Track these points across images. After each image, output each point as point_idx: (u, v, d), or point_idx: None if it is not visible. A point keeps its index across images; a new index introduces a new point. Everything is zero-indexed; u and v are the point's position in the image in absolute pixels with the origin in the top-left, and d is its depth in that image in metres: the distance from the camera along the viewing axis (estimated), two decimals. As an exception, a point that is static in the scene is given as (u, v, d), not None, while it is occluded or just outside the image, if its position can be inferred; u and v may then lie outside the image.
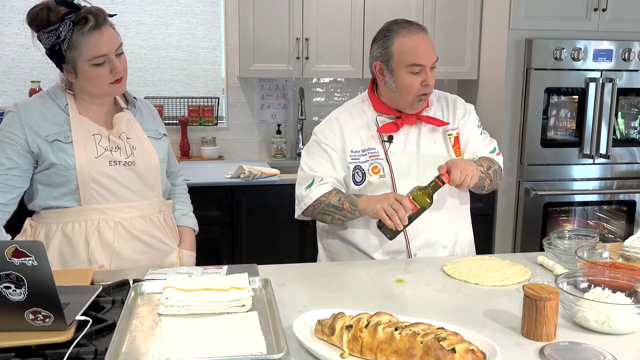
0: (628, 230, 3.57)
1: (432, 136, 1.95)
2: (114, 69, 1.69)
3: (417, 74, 1.82)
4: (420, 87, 1.83)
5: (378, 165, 1.90)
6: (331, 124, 1.96)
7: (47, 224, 1.74)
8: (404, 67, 1.82)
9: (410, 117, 1.92)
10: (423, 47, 1.82)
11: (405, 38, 1.83)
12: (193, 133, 3.85)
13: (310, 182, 1.90)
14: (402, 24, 1.86)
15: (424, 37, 1.83)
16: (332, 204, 1.84)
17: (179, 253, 1.90)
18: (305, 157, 1.97)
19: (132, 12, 3.72)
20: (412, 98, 1.85)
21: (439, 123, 1.94)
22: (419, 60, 1.81)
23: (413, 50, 1.81)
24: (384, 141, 1.91)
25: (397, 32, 1.84)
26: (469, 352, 1.10)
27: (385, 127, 1.90)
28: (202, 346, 1.15)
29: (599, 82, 3.39)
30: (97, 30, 1.65)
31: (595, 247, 1.72)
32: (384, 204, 1.70)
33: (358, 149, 1.91)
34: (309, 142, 1.99)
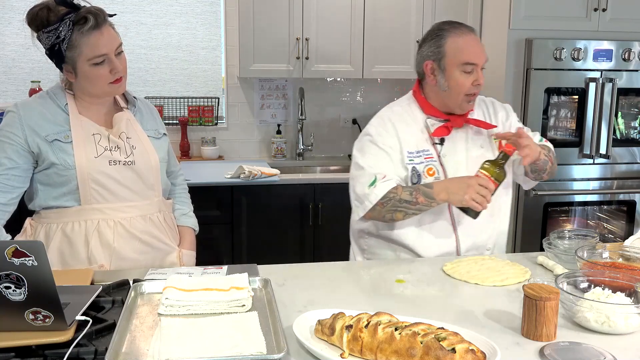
0: (628, 230, 3.56)
1: (478, 139, 1.97)
2: (113, 69, 1.69)
3: (469, 73, 1.84)
4: (471, 86, 1.85)
5: (433, 167, 1.90)
6: (385, 125, 1.94)
7: (47, 224, 1.74)
8: (457, 66, 1.84)
9: (458, 120, 1.93)
10: (475, 46, 1.85)
11: (459, 37, 1.85)
12: (193, 133, 3.85)
13: (373, 180, 1.85)
14: (453, 24, 1.89)
15: (475, 37, 1.87)
16: (404, 199, 1.81)
17: (179, 253, 1.90)
18: (361, 157, 1.91)
19: (132, 12, 3.72)
20: (462, 98, 1.86)
21: (487, 126, 1.96)
22: (472, 59, 1.83)
23: (466, 49, 1.84)
24: (435, 143, 1.92)
25: (450, 31, 1.86)
26: (469, 352, 1.10)
27: (438, 130, 1.91)
28: (202, 346, 1.15)
29: (599, 82, 3.39)
30: (97, 30, 1.65)
31: (595, 247, 1.72)
32: (471, 193, 1.74)
33: (413, 150, 1.91)
34: (362, 143, 1.94)
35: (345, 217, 3.34)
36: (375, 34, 3.62)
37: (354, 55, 3.62)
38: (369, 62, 3.64)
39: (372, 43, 3.62)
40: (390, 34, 3.63)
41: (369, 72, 3.66)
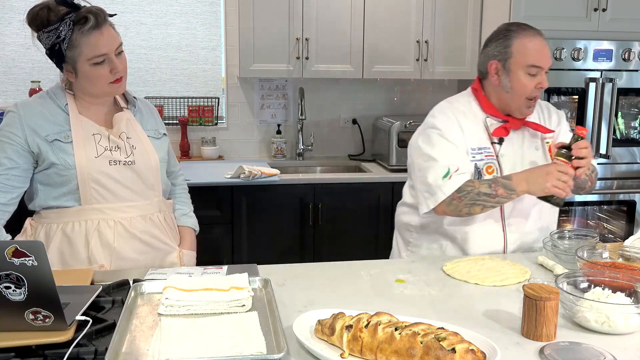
0: (628, 230, 3.56)
1: (533, 142, 1.98)
2: (113, 69, 1.69)
3: (533, 75, 1.85)
4: (534, 89, 1.86)
5: (492, 165, 1.91)
6: (450, 119, 1.93)
7: (47, 224, 1.74)
8: (522, 67, 1.85)
9: (517, 122, 1.94)
10: (542, 49, 1.85)
11: (526, 39, 1.85)
12: (193, 133, 3.85)
13: (447, 172, 1.83)
14: (522, 26, 1.89)
15: (542, 41, 1.86)
16: (483, 192, 1.80)
17: (179, 253, 1.90)
18: (431, 149, 1.89)
19: (132, 12, 3.72)
20: (523, 101, 1.87)
21: (545, 130, 1.97)
22: (538, 61, 1.84)
23: (533, 51, 1.84)
24: (494, 142, 1.93)
25: (518, 32, 1.87)
26: (469, 352, 1.10)
27: (498, 130, 1.92)
28: (202, 346, 1.15)
29: (599, 82, 3.39)
30: (97, 30, 1.65)
31: (595, 247, 1.72)
32: (552, 180, 1.74)
33: (475, 147, 1.92)
34: (429, 136, 1.91)
35: (345, 217, 3.36)
36: (375, 34, 3.62)
37: (354, 55, 3.62)
38: (369, 62, 3.64)
39: (372, 43, 3.62)
40: (390, 34, 3.63)
41: (369, 72, 3.66)
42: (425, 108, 4.01)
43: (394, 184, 3.40)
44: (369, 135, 4.01)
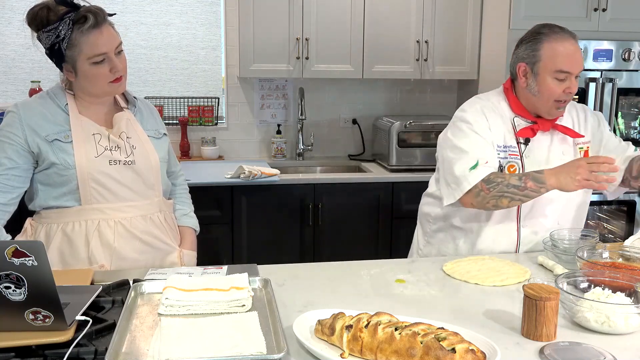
0: (628, 230, 3.56)
1: (562, 147, 1.95)
2: (113, 68, 1.69)
3: (562, 80, 1.82)
4: (562, 93, 1.83)
5: (515, 164, 1.91)
6: (480, 115, 1.93)
7: (48, 224, 1.74)
8: (550, 72, 1.82)
9: (546, 124, 1.92)
10: (572, 54, 1.81)
11: (557, 43, 1.82)
12: (193, 133, 3.85)
13: (475, 164, 1.84)
14: (554, 28, 1.85)
15: (574, 44, 1.82)
16: (513, 184, 1.78)
17: (180, 253, 1.90)
18: (458, 140, 1.89)
19: (132, 12, 3.72)
20: (551, 104, 1.86)
21: (574, 134, 1.94)
22: (567, 67, 1.81)
23: (562, 56, 1.81)
24: (519, 142, 1.92)
25: (549, 35, 1.83)
26: (469, 352, 1.10)
27: (523, 131, 1.91)
28: (202, 346, 1.15)
29: (599, 82, 3.39)
30: (97, 29, 1.65)
31: (595, 247, 1.72)
32: (582, 174, 1.68)
33: (500, 145, 1.91)
34: (459, 129, 1.92)
35: (345, 217, 3.36)
36: (375, 34, 3.61)
37: (354, 55, 3.62)
38: (369, 62, 3.64)
39: (372, 43, 3.62)
40: (390, 34, 3.63)
41: (369, 72, 3.66)
42: (425, 108, 4.03)
43: (394, 184, 3.40)
44: (369, 135, 4.01)
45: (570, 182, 1.72)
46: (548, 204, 1.94)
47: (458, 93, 4.09)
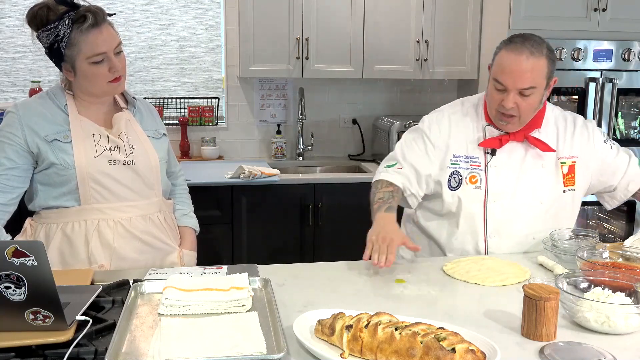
0: (628, 230, 3.56)
1: (540, 159, 1.89)
2: (112, 68, 1.69)
3: (499, 90, 1.77)
4: (500, 105, 1.77)
5: (477, 175, 1.88)
6: (441, 120, 1.93)
7: (47, 224, 1.74)
8: (492, 80, 1.80)
9: (517, 134, 1.85)
10: (513, 68, 1.72)
11: (506, 53, 1.75)
12: (193, 133, 3.85)
13: (393, 164, 1.93)
14: (518, 38, 1.77)
15: (523, 60, 1.71)
16: (375, 198, 1.84)
17: (180, 253, 1.90)
18: (405, 139, 1.98)
19: (132, 12, 3.72)
20: (494, 112, 1.82)
21: (544, 148, 1.86)
22: (501, 78, 1.75)
23: (501, 67, 1.75)
24: (486, 152, 1.89)
25: (509, 44, 1.77)
26: (469, 352, 1.10)
27: (489, 141, 1.88)
28: (202, 346, 1.15)
29: (599, 82, 3.39)
30: (96, 29, 1.65)
31: (595, 247, 1.72)
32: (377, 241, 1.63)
33: (461, 155, 1.89)
34: (415, 127, 1.99)
35: (345, 217, 3.36)
36: (375, 34, 3.61)
37: (354, 55, 3.62)
38: (369, 62, 3.64)
39: (372, 43, 3.62)
40: (390, 34, 3.63)
41: (369, 72, 3.66)
42: (425, 108, 4.01)
43: (394, 184, 3.40)
44: (369, 135, 4.01)
45: (370, 233, 1.69)
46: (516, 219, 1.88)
47: (458, 93, 4.09)
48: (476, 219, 1.90)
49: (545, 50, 1.75)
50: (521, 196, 1.88)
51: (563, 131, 1.93)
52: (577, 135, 1.93)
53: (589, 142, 1.94)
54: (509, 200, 1.88)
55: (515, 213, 1.88)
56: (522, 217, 1.89)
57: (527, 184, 1.88)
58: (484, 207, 1.89)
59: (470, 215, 1.90)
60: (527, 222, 1.90)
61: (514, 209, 1.88)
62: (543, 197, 1.89)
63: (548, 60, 1.75)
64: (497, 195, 1.88)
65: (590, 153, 1.94)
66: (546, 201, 1.90)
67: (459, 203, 1.90)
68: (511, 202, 1.88)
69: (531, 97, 1.75)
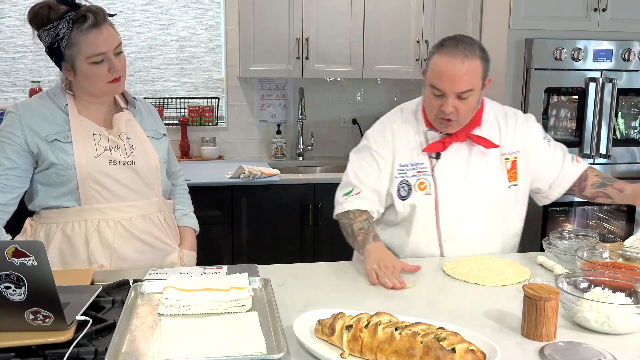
0: (628, 230, 3.56)
1: (484, 157, 1.88)
2: (112, 68, 1.69)
3: (437, 96, 1.75)
4: (439, 110, 1.76)
5: (425, 181, 1.86)
6: (384, 132, 1.90)
7: (47, 224, 1.74)
8: (429, 86, 1.77)
9: (459, 134, 1.84)
10: (449, 73, 1.70)
11: (440, 58, 1.73)
12: (193, 133, 3.85)
13: (349, 190, 1.87)
14: (450, 41, 1.75)
15: (458, 63, 1.70)
16: (353, 229, 1.79)
17: (180, 253, 1.90)
18: (353, 161, 1.93)
19: (132, 12, 3.72)
20: (433, 117, 1.81)
21: (488, 145, 1.85)
22: (439, 84, 1.73)
23: (437, 73, 1.73)
24: (431, 157, 1.87)
25: (440, 48, 1.75)
26: (469, 352, 1.10)
27: (432, 145, 1.86)
28: (202, 346, 1.15)
29: (599, 82, 3.39)
30: (96, 29, 1.65)
31: (595, 247, 1.72)
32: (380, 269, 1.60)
33: (407, 163, 1.87)
34: (360, 146, 1.94)
35: (345, 217, 3.35)
36: (375, 34, 3.61)
37: (354, 55, 3.62)
38: (369, 62, 3.64)
39: (372, 43, 3.62)
40: (390, 34, 3.63)
41: (369, 72, 3.66)
42: (425, 108, 4.01)
43: (394, 184, 3.40)
44: (369, 135, 4.00)
45: (368, 262, 1.65)
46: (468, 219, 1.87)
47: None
48: (429, 225, 1.88)
49: (478, 51, 1.74)
50: (470, 196, 1.87)
51: (504, 127, 1.92)
52: (519, 130, 1.93)
53: (530, 137, 1.94)
54: (458, 202, 1.86)
55: (466, 214, 1.87)
56: (473, 216, 1.88)
57: (474, 183, 1.87)
58: (435, 212, 1.87)
59: (423, 222, 1.87)
60: (478, 221, 1.89)
61: (464, 209, 1.87)
62: (490, 194, 1.89)
63: (482, 61, 1.75)
64: (447, 198, 1.86)
65: (531, 148, 1.93)
66: (493, 198, 1.89)
67: (411, 211, 1.88)
68: (461, 204, 1.86)
69: (469, 100, 1.75)
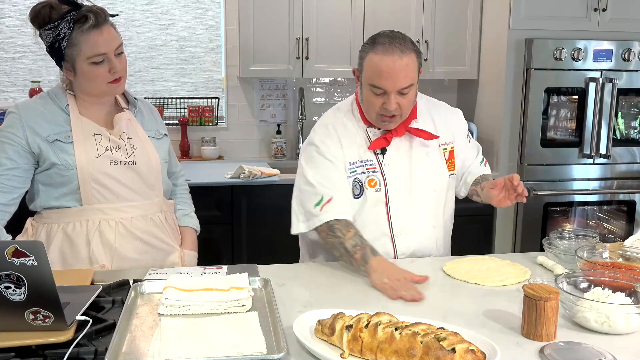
0: (628, 230, 3.56)
1: (424, 148, 1.88)
2: (112, 69, 1.69)
3: (378, 95, 1.73)
4: (381, 108, 1.74)
5: (375, 178, 1.84)
6: (329, 133, 1.86)
7: (49, 224, 1.74)
8: (368, 85, 1.74)
9: (399, 129, 1.83)
10: (389, 71, 1.69)
11: (376, 56, 1.70)
12: (193, 133, 3.85)
13: (319, 200, 1.77)
14: (383, 39, 1.73)
15: (396, 60, 1.68)
16: (346, 246, 1.69)
17: (181, 253, 1.90)
18: (309, 169, 1.83)
19: (132, 12, 3.72)
20: (375, 115, 1.79)
21: (428, 136, 1.86)
22: (380, 83, 1.71)
23: (377, 72, 1.70)
24: (377, 153, 1.85)
25: (374, 46, 1.72)
26: (469, 352, 1.10)
27: (376, 142, 1.84)
28: (202, 346, 1.15)
29: (599, 82, 3.39)
30: (97, 29, 1.65)
31: (595, 247, 1.72)
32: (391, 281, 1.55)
33: (355, 161, 1.84)
34: (309, 153, 1.86)
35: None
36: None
37: (354, 55, 3.60)
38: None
39: (372, 43, 3.62)
40: (390, 34, 3.63)
41: (369, 72, 3.66)
42: (425, 108, 4.01)
43: (394, 184, 3.40)
44: (369, 135, 4.01)
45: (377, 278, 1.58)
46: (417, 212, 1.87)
47: (458, 93, 4.09)
48: (381, 222, 1.86)
49: (410, 44, 1.74)
50: (417, 189, 1.87)
51: (437, 118, 1.94)
52: (449, 121, 1.97)
53: (457, 130, 1.98)
54: (407, 196, 1.86)
55: (415, 207, 1.87)
56: (421, 209, 1.88)
57: (419, 176, 1.87)
58: (386, 208, 1.85)
59: (376, 219, 1.85)
60: (427, 213, 1.89)
61: (413, 203, 1.87)
62: (435, 184, 1.90)
63: (416, 54, 1.75)
64: (396, 194, 1.85)
65: (459, 140, 1.97)
66: (438, 188, 1.91)
67: (362, 209, 1.85)
68: (409, 198, 1.86)
69: (409, 94, 1.75)
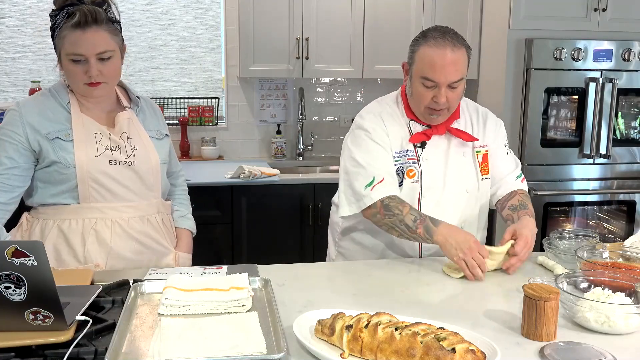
0: (628, 230, 3.56)
1: (460, 149, 1.91)
2: (87, 72, 1.65)
3: (429, 88, 1.76)
4: (431, 101, 1.77)
5: (414, 169, 1.86)
6: (377, 121, 1.88)
7: (44, 220, 1.73)
8: (419, 78, 1.78)
9: (440, 127, 1.87)
10: (442, 63, 1.72)
11: (430, 49, 1.74)
12: (193, 133, 3.85)
13: (370, 181, 1.79)
14: (435, 33, 1.77)
15: (449, 53, 1.72)
16: (406, 223, 1.72)
17: (175, 255, 1.89)
18: (358, 151, 1.86)
19: (132, 12, 3.72)
20: (423, 109, 1.81)
21: (468, 138, 1.89)
22: (432, 75, 1.74)
23: (431, 65, 1.74)
24: (416, 146, 1.88)
25: (427, 40, 1.76)
26: (469, 352, 1.10)
27: (417, 136, 1.87)
28: (202, 346, 1.15)
29: (599, 82, 3.39)
30: (80, 29, 1.62)
31: (595, 247, 1.72)
32: (465, 257, 1.62)
33: (399, 150, 1.87)
34: (358, 137, 1.89)
35: (345, 217, 3.36)
36: (375, 34, 3.62)
37: (354, 55, 3.62)
38: (369, 62, 3.64)
39: (372, 43, 3.62)
40: (390, 34, 3.63)
41: (369, 72, 3.66)
42: (425, 108, 4.02)
43: (394, 184, 3.40)
44: (369, 135, 4.00)
45: (452, 253, 1.65)
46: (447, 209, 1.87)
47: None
48: None
49: (461, 39, 1.78)
50: (449, 187, 1.88)
51: (476, 121, 1.96)
52: (488, 127, 1.97)
53: (496, 137, 1.98)
54: (439, 193, 1.87)
55: (446, 205, 1.88)
56: (452, 208, 1.89)
57: (453, 175, 1.88)
58: (418, 201, 1.87)
59: None
60: (456, 213, 1.90)
61: (444, 200, 1.88)
62: (468, 185, 1.91)
63: (466, 49, 1.79)
64: (429, 188, 1.87)
65: (495, 148, 1.97)
66: (471, 190, 1.91)
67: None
68: (442, 194, 1.87)
69: (458, 88, 1.78)
